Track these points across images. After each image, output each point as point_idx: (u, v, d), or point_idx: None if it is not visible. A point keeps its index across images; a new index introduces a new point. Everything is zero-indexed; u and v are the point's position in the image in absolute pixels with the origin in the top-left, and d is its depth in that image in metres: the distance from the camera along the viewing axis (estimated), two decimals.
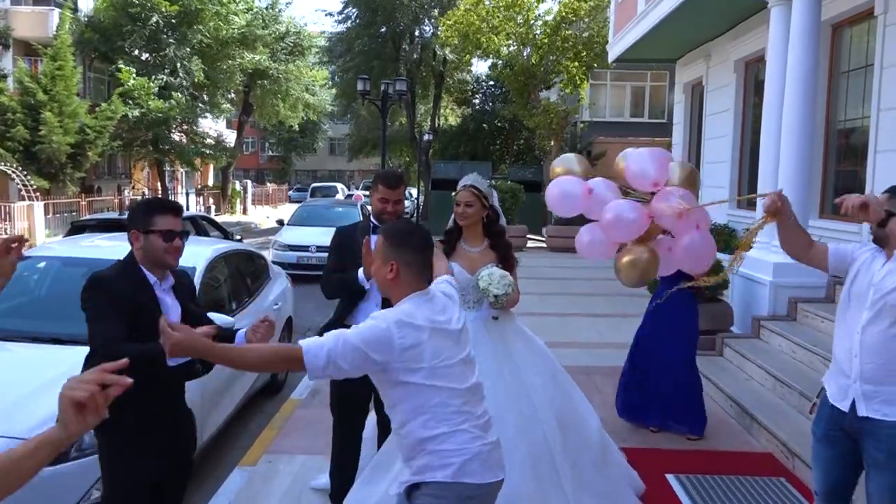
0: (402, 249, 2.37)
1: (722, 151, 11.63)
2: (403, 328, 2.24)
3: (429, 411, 2.27)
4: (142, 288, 2.72)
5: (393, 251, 2.38)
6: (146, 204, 2.85)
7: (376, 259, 2.43)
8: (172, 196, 28.38)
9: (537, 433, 3.48)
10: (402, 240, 2.40)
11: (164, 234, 2.74)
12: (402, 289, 2.38)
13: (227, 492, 4.18)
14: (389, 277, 2.37)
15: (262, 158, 58.43)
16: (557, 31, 20.63)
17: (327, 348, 2.19)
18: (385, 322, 2.25)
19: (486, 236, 3.78)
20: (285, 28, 29.78)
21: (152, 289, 2.75)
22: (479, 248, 3.75)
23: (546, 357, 3.80)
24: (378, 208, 3.70)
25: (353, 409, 3.79)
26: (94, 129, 20.58)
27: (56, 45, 20.01)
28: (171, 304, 2.83)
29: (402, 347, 2.22)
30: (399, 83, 20.04)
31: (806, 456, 4.41)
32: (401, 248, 2.38)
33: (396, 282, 2.38)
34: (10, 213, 15.98)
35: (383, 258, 2.39)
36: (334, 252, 3.81)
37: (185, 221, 3.07)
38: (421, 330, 2.26)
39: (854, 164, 7.99)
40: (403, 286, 2.38)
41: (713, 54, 12.05)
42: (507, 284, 3.49)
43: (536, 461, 3.40)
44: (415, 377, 2.25)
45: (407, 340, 2.23)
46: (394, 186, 3.71)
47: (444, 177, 22.87)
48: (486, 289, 3.51)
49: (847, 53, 8.20)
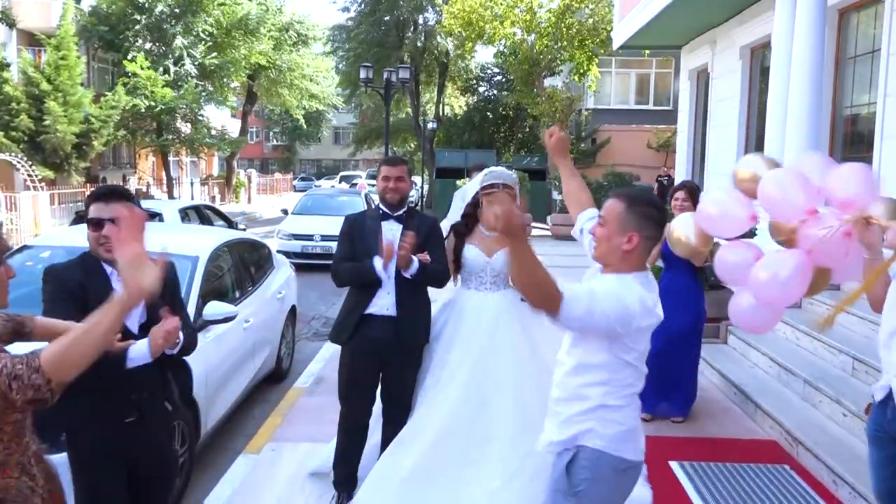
0: (649, 223, 2.20)
1: (728, 138, 11.56)
2: (645, 313, 2.18)
3: (615, 384, 2.25)
4: (96, 278, 2.58)
5: (637, 221, 2.19)
6: (92, 193, 2.70)
7: (609, 224, 2.23)
8: (177, 186, 28.41)
9: None
10: (652, 212, 2.22)
11: (93, 224, 2.57)
12: (631, 264, 2.23)
13: (232, 479, 4.20)
14: (625, 248, 2.19)
15: (267, 148, 58.44)
16: (562, 18, 20.49)
17: (586, 304, 2.11)
18: (630, 300, 2.15)
19: None
20: (289, 18, 29.68)
21: (109, 279, 2.58)
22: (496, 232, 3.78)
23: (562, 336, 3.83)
24: (381, 188, 3.73)
25: (361, 398, 3.79)
26: (98, 119, 20.57)
27: (59, 34, 19.98)
28: None
29: (638, 328, 2.19)
30: (402, 71, 19.97)
31: (810, 443, 4.41)
32: (649, 221, 2.20)
33: (629, 255, 2.21)
34: (16, 204, 16.00)
35: (621, 226, 2.19)
36: (344, 239, 3.79)
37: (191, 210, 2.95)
38: (651, 314, 2.21)
39: (860, 151, 7.93)
40: (633, 262, 2.23)
41: (719, 40, 11.95)
42: None
43: None
44: (628, 355, 2.23)
45: (644, 322, 2.19)
46: (394, 164, 3.77)
47: (448, 165, 22.83)
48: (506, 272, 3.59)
49: (854, 39, 8.12)
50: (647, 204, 2.24)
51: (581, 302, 2.11)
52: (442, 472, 3.39)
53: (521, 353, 3.62)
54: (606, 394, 2.25)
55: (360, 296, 3.71)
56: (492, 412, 3.49)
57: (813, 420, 4.80)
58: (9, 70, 19.43)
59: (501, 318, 3.69)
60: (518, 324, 3.69)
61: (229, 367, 4.95)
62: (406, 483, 3.37)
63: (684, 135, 14.37)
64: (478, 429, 3.46)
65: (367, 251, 3.64)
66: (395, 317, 3.66)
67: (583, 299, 2.11)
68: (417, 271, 3.58)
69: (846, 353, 5.18)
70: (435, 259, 3.70)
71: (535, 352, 3.64)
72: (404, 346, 3.70)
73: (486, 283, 3.77)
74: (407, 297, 3.66)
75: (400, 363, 3.73)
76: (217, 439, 4.98)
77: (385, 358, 3.70)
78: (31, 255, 5.10)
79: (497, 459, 3.39)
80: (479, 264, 3.76)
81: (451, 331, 3.74)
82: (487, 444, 3.44)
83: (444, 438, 3.44)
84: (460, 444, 3.43)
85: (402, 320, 3.66)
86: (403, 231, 3.64)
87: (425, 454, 3.41)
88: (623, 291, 2.16)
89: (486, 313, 3.70)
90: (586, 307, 2.11)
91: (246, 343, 5.30)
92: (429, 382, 3.70)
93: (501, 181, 3.70)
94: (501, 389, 3.53)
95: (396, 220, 3.73)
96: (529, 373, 3.55)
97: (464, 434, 3.46)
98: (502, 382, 3.54)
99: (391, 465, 3.46)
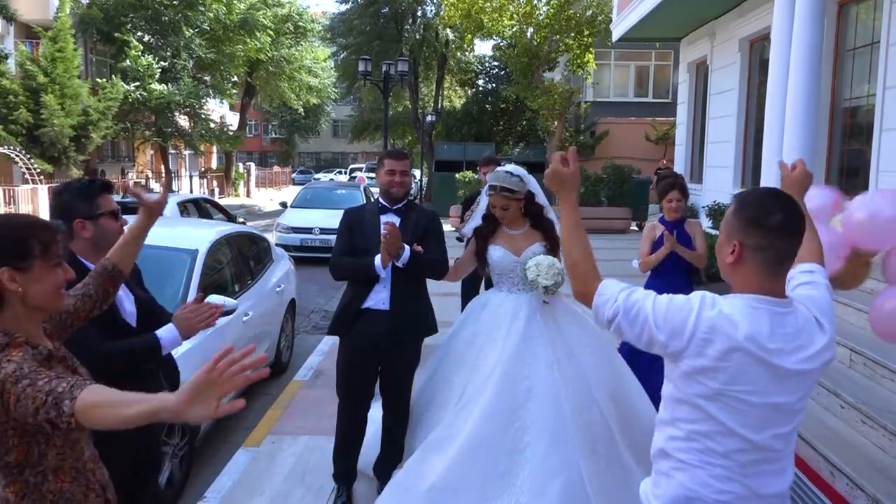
0: (754, 227, 1.73)
1: (726, 131, 11.56)
2: (714, 332, 1.69)
3: (682, 427, 1.80)
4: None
5: (740, 226, 1.76)
6: (82, 188, 2.54)
7: (721, 233, 1.84)
8: (176, 179, 28.38)
9: (594, 413, 3.38)
10: (757, 213, 1.74)
11: (114, 215, 2.52)
12: (744, 280, 1.77)
13: (232, 472, 4.22)
14: (728, 261, 1.78)
15: (266, 141, 58.33)
16: (561, 10, 20.44)
17: (624, 291, 1.83)
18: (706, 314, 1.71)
19: (527, 216, 3.73)
20: (287, 11, 29.58)
21: None
22: (521, 230, 3.71)
23: (598, 336, 3.69)
24: (385, 182, 3.70)
25: (359, 391, 3.79)
26: (96, 111, 20.53)
27: (56, 26, 19.91)
28: (123, 294, 2.60)
29: (696, 346, 1.71)
30: (401, 63, 19.91)
31: (807, 435, 4.41)
32: (751, 225, 1.74)
33: (736, 268, 1.78)
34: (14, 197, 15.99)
35: (727, 231, 1.81)
36: (343, 233, 3.77)
37: None
38: (734, 347, 1.68)
39: (859, 143, 7.93)
40: (745, 277, 1.77)
41: (718, 33, 11.94)
42: (556, 273, 3.41)
43: (594, 442, 3.32)
44: (692, 387, 1.75)
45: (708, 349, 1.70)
46: (399, 157, 3.75)
47: (447, 158, 22.82)
48: (534, 280, 3.43)
49: (853, 31, 8.11)
50: (755, 205, 1.77)
51: (616, 287, 1.84)
52: (469, 482, 3.24)
53: (557, 358, 3.45)
54: (670, 438, 1.83)
55: (358, 290, 3.70)
56: (523, 420, 3.33)
57: (811, 412, 4.81)
58: (6, 63, 19.36)
59: (535, 319, 3.54)
60: (555, 326, 3.54)
61: None
62: (431, 493, 3.24)
63: (683, 127, 14.37)
64: (507, 438, 3.30)
65: (366, 245, 3.62)
66: (388, 311, 3.64)
67: (617, 300, 1.81)
68: (410, 261, 3.55)
69: (844, 344, 5.20)
70: (432, 251, 3.68)
71: (572, 355, 3.48)
72: (399, 340, 3.67)
73: (518, 283, 3.64)
74: (402, 291, 3.64)
75: (396, 356, 3.71)
76: (217, 432, 5.00)
77: (382, 351, 3.68)
78: None
79: (526, 473, 3.23)
80: (507, 264, 3.64)
81: (483, 334, 3.62)
82: (518, 455, 3.27)
83: (473, 448, 3.28)
84: (489, 454, 3.27)
85: (395, 314, 3.64)
86: (402, 224, 3.63)
87: (453, 463, 3.27)
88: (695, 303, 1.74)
89: (520, 315, 3.56)
90: (622, 295, 1.81)
91: (245, 336, 5.31)
92: (454, 384, 3.60)
93: (498, 184, 3.58)
94: (534, 396, 3.36)
95: (396, 214, 3.72)
96: (566, 380, 3.39)
97: (493, 443, 3.29)
98: (535, 389, 3.37)
99: (417, 473, 3.34)
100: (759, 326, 1.70)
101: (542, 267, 3.43)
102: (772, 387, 1.71)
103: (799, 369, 1.73)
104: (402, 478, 3.40)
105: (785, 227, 1.73)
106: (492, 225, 3.73)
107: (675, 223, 4.74)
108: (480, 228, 3.80)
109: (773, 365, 1.69)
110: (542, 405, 3.33)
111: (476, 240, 3.78)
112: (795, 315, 1.77)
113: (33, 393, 1.53)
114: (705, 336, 1.69)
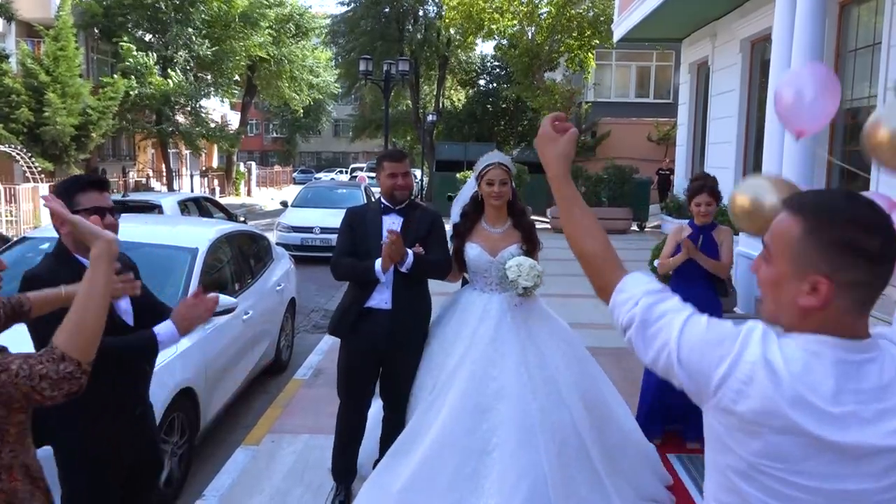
0: (851, 256, 1.17)
1: (727, 132, 11.56)
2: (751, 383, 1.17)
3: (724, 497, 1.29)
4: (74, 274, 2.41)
5: (825, 255, 1.18)
6: (64, 183, 2.50)
7: (778, 260, 1.24)
8: (177, 178, 28.38)
9: (563, 417, 3.35)
10: (854, 235, 1.17)
11: (92, 212, 2.36)
12: (818, 324, 1.21)
13: (231, 471, 4.21)
14: (804, 304, 1.21)
15: (266, 140, 58.35)
16: (562, 10, 20.44)
17: (639, 315, 1.32)
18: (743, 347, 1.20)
19: (510, 216, 3.69)
20: (289, 10, 29.58)
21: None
22: (501, 229, 3.66)
23: (570, 338, 3.68)
24: (388, 185, 3.65)
25: (359, 391, 3.78)
26: (97, 110, 20.54)
27: (58, 25, 19.92)
28: None
29: (726, 397, 1.20)
30: (402, 63, 19.94)
31: None
32: (847, 254, 1.17)
33: (813, 313, 1.21)
34: (15, 196, 15.98)
35: (796, 263, 1.22)
36: (345, 232, 3.73)
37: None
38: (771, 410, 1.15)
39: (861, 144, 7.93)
40: (823, 322, 1.21)
41: (719, 33, 11.93)
42: (536, 276, 3.39)
43: (562, 446, 3.28)
44: (728, 456, 1.24)
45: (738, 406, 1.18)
46: (399, 159, 3.70)
47: (448, 158, 22.81)
48: (514, 280, 3.37)
49: (854, 32, 8.11)
50: (847, 221, 1.19)
51: (641, 286, 1.37)
52: (437, 483, 3.24)
53: (527, 359, 3.42)
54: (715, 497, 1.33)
55: (360, 290, 3.67)
56: (492, 422, 3.31)
57: None
58: (8, 62, 19.37)
59: (506, 320, 3.51)
60: (525, 328, 3.51)
61: (228, 358, 4.96)
62: (402, 494, 3.26)
63: (684, 128, 14.38)
64: (476, 439, 3.28)
65: (367, 246, 3.61)
66: (390, 310, 3.62)
67: (648, 285, 1.37)
68: (413, 264, 3.53)
69: None
70: (435, 251, 3.66)
71: (543, 360, 3.45)
72: (400, 340, 3.64)
73: (491, 283, 3.61)
74: (403, 291, 3.62)
75: (397, 356, 3.70)
76: (216, 431, 5.00)
77: (382, 351, 3.66)
78: (30, 246, 5.10)
79: (495, 474, 3.21)
80: (482, 264, 3.61)
81: (452, 333, 3.61)
82: (486, 456, 3.26)
83: (441, 448, 3.28)
84: (457, 455, 3.25)
85: (396, 314, 3.61)
86: (404, 224, 3.62)
87: (421, 464, 3.28)
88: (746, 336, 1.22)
89: (490, 315, 3.53)
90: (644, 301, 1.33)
91: (245, 335, 5.31)
92: (426, 384, 3.60)
93: (497, 160, 3.59)
94: (503, 397, 3.34)
95: (398, 214, 3.69)
96: (535, 382, 3.36)
97: (461, 444, 3.27)
98: (504, 390, 3.34)
99: (387, 476, 3.37)
100: (817, 381, 1.15)
101: (524, 268, 3.39)
102: (838, 468, 1.15)
103: (882, 445, 1.14)
104: (377, 477, 3.41)
105: (888, 249, 1.18)
106: (469, 222, 3.69)
107: (703, 228, 4.44)
108: (457, 226, 3.76)
109: (837, 441, 1.13)
110: (511, 406, 3.30)
111: (454, 238, 3.74)
112: (880, 363, 1.19)
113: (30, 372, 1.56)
114: (739, 387, 1.17)
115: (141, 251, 4.67)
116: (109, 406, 2.47)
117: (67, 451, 2.49)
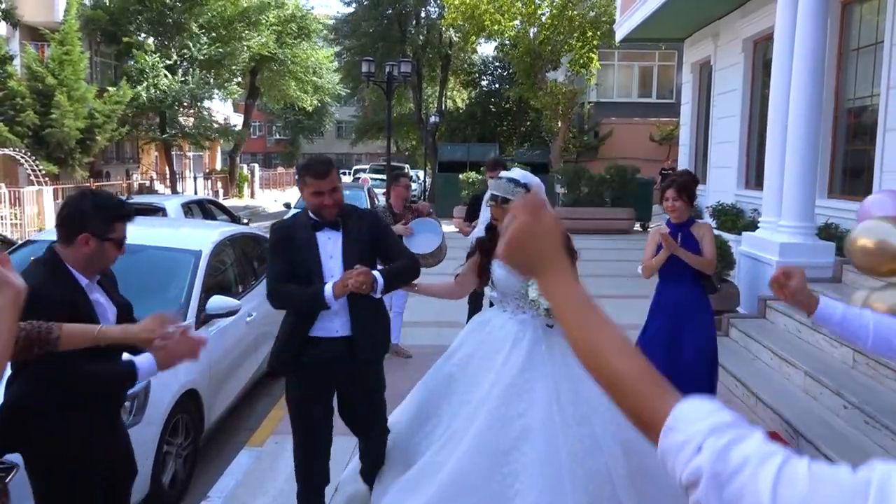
0: None
1: (730, 131, 11.55)
2: None
3: None
4: (78, 293, 2.40)
5: None
6: (106, 208, 2.47)
7: None
8: (180, 180, 28.43)
9: (597, 463, 2.92)
10: None
11: (120, 244, 2.50)
12: None
13: (235, 472, 4.23)
14: None
15: (270, 142, 58.42)
16: (564, 10, 20.45)
17: (709, 469, 0.84)
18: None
19: None
20: (291, 11, 29.63)
21: (85, 293, 2.43)
22: None
23: None
24: (314, 204, 3.14)
25: (318, 430, 3.33)
26: (102, 114, 20.60)
27: (63, 29, 19.98)
28: (105, 303, 2.54)
29: None
30: (404, 65, 19.96)
31: (811, 435, 4.42)
32: None
33: None
34: (20, 199, 16.03)
35: None
36: (277, 253, 3.24)
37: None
38: None
39: (863, 143, 7.92)
40: None
41: (721, 33, 11.93)
42: None
43: (595, 497, 2.85)
44: None
45: None
46: (323, 175, 3.11)
47: (450, 159, 22.84)
48: (536, 300, 3.09)
49: (857, 31, 8.10)
50: None
51: (701, 422, 0.89)
52: None
53: (560, 395, 2.99)
54: None
55: (300, 319, 3.23)
56: (515, 465, 2.89)
57: (814, 412, 4.81)
58: (13, 64, 19.44)
59: (539, 349, 3.11)
60: (560, 358, 3.07)
61: (232, 360, 4.98)
62: None
63: (687, 128, 14.37)
64: (495, 483, 2.86)
65: (305, 268, 3.15)
66: (350, 336, 3.21)
67: (710, 418, 0.89)
68: (385, 284, 3.13)
69: (847, 345, 5.19)
70: (394, 254, 3.32)
71: (578, 396, 3.01)
72: (361, 363, 3.27)
73: (524, 307, 3.23)
74: (363, 315, 3.21)
75: (358, 379, 3.33)
76: (220, 432, 5.02)
77: (340, 379, 3.30)
78: (34, 249, 5.12)
79: None
80: (511, 286, 3.21)
81: (478, 359, 3.23)
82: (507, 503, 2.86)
83: (454, 490, 2.86)
84: (472, 501, 2.85)
85: (360, 340, 3.21)
86: (345, 241, 3.21)
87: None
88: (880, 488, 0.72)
89: (522, 343, 3.14)
90: (710, 444, 0.86)
91: (248, 337, 5.33)
92: (445, 413, 3.23)
93: (500, 194, 3.23)
94: (528, 438, 2.92)
95: (332, 228, 3.22)
96: (567, 421, 2.94)
97: (478, 488, 2.86)
98: (531, 429, 2.93)
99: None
100: None
101: None
102: None
103: None
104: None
105: None
106: (496, 237, 3.24)
107: (682, 225, 4.39)
108: (482, 241, 3.42)
109: None
110: (537, 448, 2.89)
111: (478, 254, 3.42)
112: None
113: None
114: None
115: (145, 254, 4.71)
116: (85, 408, 2.48)
117: (43, 455, 2.42)
